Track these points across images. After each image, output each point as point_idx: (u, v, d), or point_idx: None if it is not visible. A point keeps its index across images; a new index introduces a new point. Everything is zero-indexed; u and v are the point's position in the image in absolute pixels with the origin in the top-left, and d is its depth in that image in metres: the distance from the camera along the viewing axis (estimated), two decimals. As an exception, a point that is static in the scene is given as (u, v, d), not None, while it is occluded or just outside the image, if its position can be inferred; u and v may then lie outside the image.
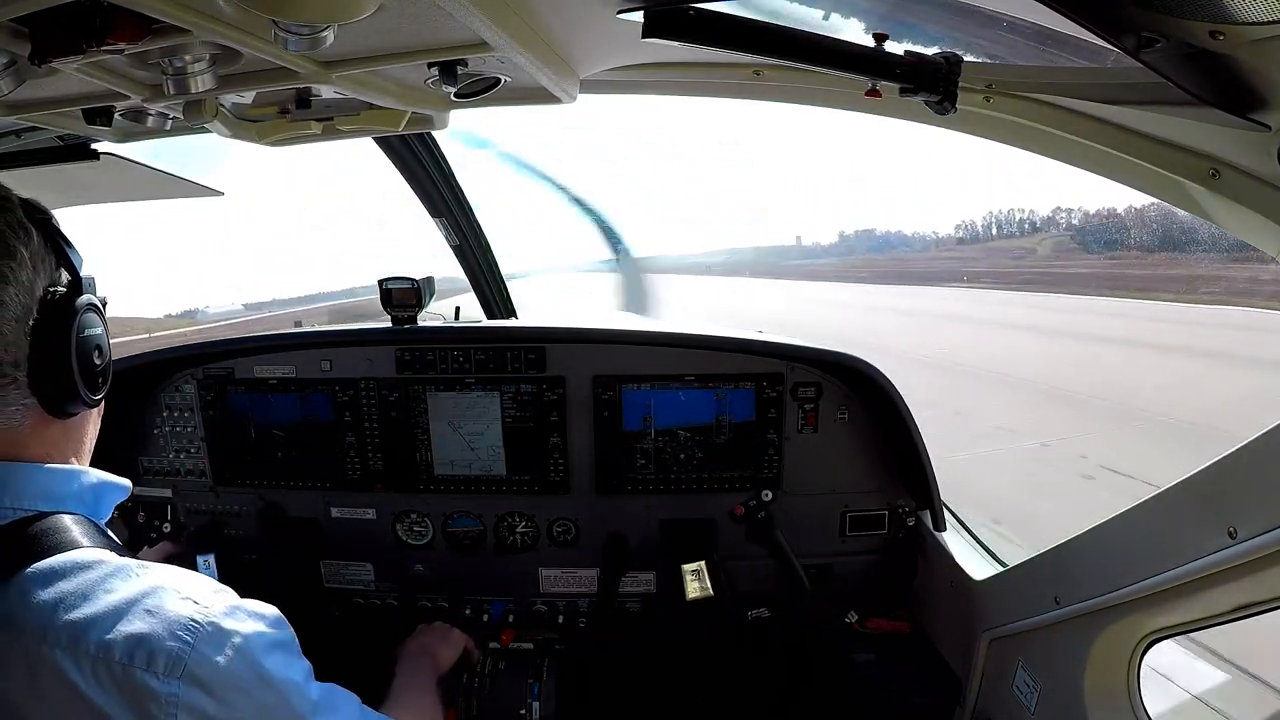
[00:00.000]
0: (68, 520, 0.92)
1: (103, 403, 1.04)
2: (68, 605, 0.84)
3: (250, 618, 0.91)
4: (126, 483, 1.04)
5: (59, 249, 0.95)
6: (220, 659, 0.85)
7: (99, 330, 0.99)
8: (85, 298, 0.96)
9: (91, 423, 1.05)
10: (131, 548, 1.07)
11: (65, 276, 0.95)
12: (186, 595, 0.88)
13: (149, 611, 0.85)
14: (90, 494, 0.98)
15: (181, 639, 0.84)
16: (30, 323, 0.90)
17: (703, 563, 2.21)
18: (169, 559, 2.19)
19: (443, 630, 1.86)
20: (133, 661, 0.82)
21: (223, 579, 0.95)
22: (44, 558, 0.87)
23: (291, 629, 0.97)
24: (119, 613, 0.84)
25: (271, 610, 0.96)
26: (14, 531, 0.88)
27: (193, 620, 0.86)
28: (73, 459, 1.00)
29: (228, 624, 0.88)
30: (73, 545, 0.89)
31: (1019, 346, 16.29)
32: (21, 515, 0.90)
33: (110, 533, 0.99)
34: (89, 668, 0.82)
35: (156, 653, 0.83)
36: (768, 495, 2.31)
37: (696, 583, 2.20)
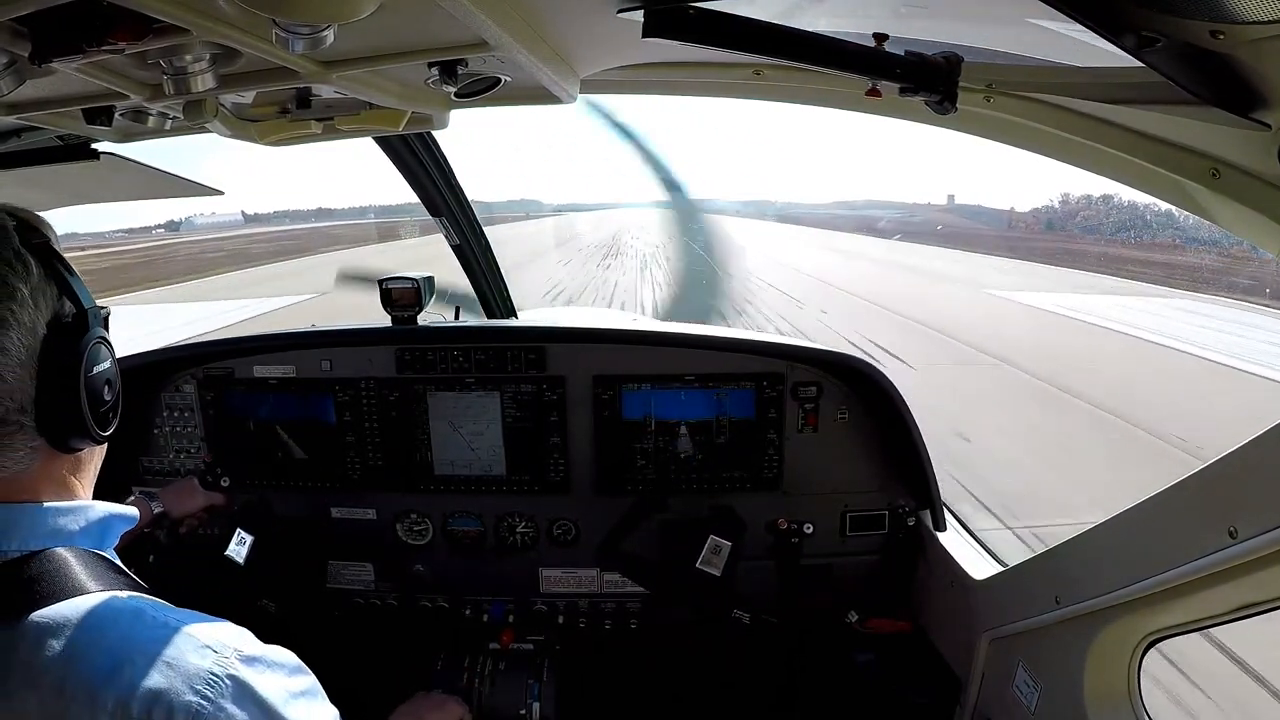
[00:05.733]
0: (71, 558, 0.88)
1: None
2: (82, 657, 0.81)
3: (270, 668, 0.88)
4: (134, 511, 1.01)
5: (60, 277, 0.89)
6: (241, 714, 0.83)
7: (108, 365, 0.94)
8: (93, 331, 0.91)
9: (98, 452, 1.01)
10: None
11: (69, 307, 0.90)
12: (205, 644, 0.85)
13: (167, 664, 0.82)
14: (97, 527, 0.95)
15: (201, 694, 0.81)
16: (35, 365, 0.85)
17: (730, 545, 2.19)
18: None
19: (438, 701, 1.81)
20: (151, 718, 0.79)
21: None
22: (51, 602, 0.83)
23: (312, 674, 0.95)
24: (135, 665, 0.81)
25: (290, 657, 0.93)
26: (14, 570, 0.84)
27: (212, 674, 0.83)
28: (80, 492, 0.96)
29: (248, 676, 0.85)
30: (80, 589, 0.85)
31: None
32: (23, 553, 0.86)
33: (119, 563, 0.96)
34: None
35: (175, 709, 0.80)
36: (809, 529, 2.32)
37: (715, 557, 2.19)
